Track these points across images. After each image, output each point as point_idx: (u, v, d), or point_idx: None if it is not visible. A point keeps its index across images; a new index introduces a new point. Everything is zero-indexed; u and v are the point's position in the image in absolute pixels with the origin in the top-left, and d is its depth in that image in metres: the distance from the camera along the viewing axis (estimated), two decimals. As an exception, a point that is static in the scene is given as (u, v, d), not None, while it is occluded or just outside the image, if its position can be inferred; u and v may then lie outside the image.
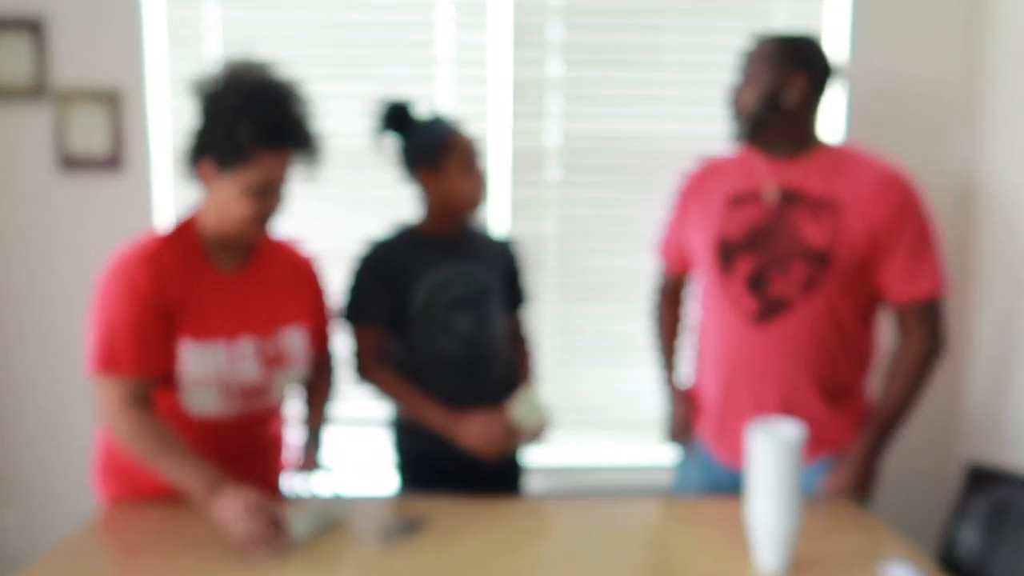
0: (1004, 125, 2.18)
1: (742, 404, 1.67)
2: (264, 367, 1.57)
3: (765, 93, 1.62)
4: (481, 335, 1.76)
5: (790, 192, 1.64)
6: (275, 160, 1.48)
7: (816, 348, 1.61)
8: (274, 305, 1.61)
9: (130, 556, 1.39)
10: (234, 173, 1.47)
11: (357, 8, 2.28)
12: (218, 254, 1.57)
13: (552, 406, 2.40)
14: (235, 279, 1.58)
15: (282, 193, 1.53)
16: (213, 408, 1.54)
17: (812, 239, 1.59)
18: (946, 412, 2.39)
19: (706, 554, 1.41)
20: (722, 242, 1.68)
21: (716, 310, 1.69)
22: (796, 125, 1.65)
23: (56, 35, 2.20)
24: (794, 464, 1.31)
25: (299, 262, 1.69)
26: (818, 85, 1.64)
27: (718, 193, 1.72)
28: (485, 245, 1.83)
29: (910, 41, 2.29)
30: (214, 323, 1.52)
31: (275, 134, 1.47)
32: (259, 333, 1.57)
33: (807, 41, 1.66)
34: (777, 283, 1.61)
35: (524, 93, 2.32)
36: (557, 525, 1.56)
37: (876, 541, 1.45)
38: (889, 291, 1.62)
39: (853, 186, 1.60)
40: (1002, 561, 1.43)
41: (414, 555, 1.40)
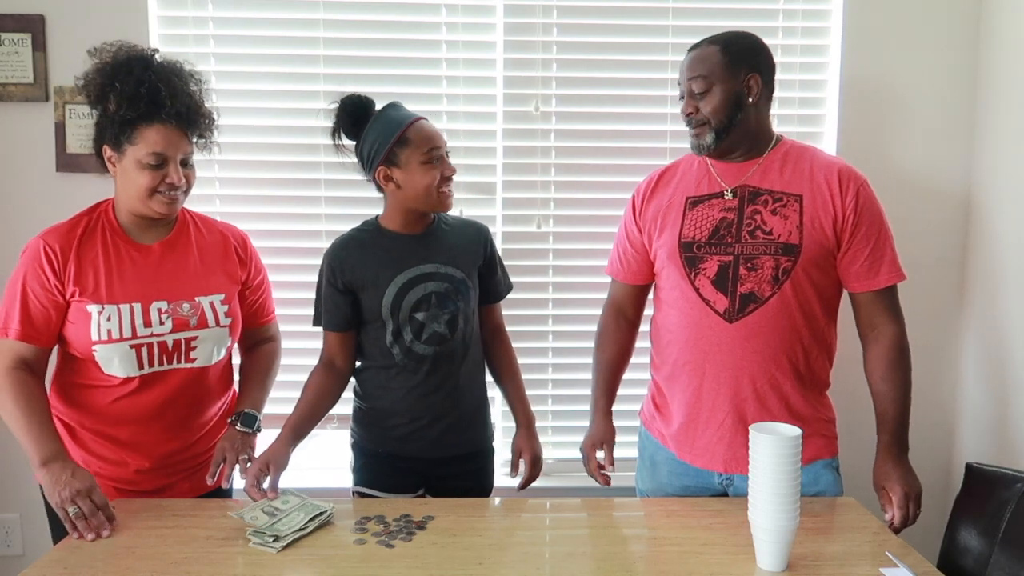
0: (1001, 130, 2.18)
1: (718, 404, 1.67)
2: (179, 327, 1.64)
3: (726, 101, 1.63)
4: (450, 333, 1.74)
5: (750, 189, 1.66)
6: (155, 132, 1.58)
7: (790, 339, 1.64)
8: (192, 274, 1.70)
9: (130, 555, 1.39)
10: (124, 152, 1.59)
11: (356, 9, 2.28)
12: (134, 231, 1.67)
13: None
14: (150, 249, 1.67)
15: (180, 167, 1.62)
16: (131, 371, 1.61)
17: (778, 232, 1.62)
18: (946, 412, 2.39)
19: (706, 554, 1.41)
20: (685, 243, 1.68)
21: (685, 312, 1.69)
22: (755, 125, 1.67)
23: (57, 34, 2.20)
24: (794, 464, 1.32)
25: (225, 237, 1.79)
26: (767, 80, 1.67)
27: (675, 199, 1.73)
28: (455, 241, 1.79)
29: (907, 44, 2.29)
30: (125, 288, 1.62)
31: (148, 107, 1.57)
32: (173, 298, 1.65)
33: (748, 38, 1.68)
34: (747, 279, 1.62)
35: (522, 94, 2.31)
36: (557, 525, 1.56)
37: (876, 541, 1.45)
38: (855, 282, 1.65)
39: (812, 179, 1.64)
40: (1002, 561, 1.43)
41: (414, 555, 1.40)
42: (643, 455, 1.86)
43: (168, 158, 1.60)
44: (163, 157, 1.59)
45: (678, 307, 1.70)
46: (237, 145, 2.30)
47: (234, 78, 2.29)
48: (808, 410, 1.67)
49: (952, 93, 2.30)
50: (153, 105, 1.58)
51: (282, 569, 1.35)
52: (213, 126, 1.72)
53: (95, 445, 1.67)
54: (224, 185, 2.32)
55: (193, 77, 1.68)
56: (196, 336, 1.67)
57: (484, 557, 1.41)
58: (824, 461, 1.69)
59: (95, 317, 1.59)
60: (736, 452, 1.66)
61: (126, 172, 1.61)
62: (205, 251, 1.74)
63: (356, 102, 1.74)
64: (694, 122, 1.67)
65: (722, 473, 1.68)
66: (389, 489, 1.77)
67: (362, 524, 1.51)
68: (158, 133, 1.58)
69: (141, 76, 1.57)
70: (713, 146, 1.66)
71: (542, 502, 1.64)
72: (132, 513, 1.56)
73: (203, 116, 1.68)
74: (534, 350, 2.39)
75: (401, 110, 1.75)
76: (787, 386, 1.65)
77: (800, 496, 1.34)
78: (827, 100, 2.33)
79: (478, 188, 2.35)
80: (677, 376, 1.72)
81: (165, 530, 1.50)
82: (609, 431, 1.84)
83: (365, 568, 1.35)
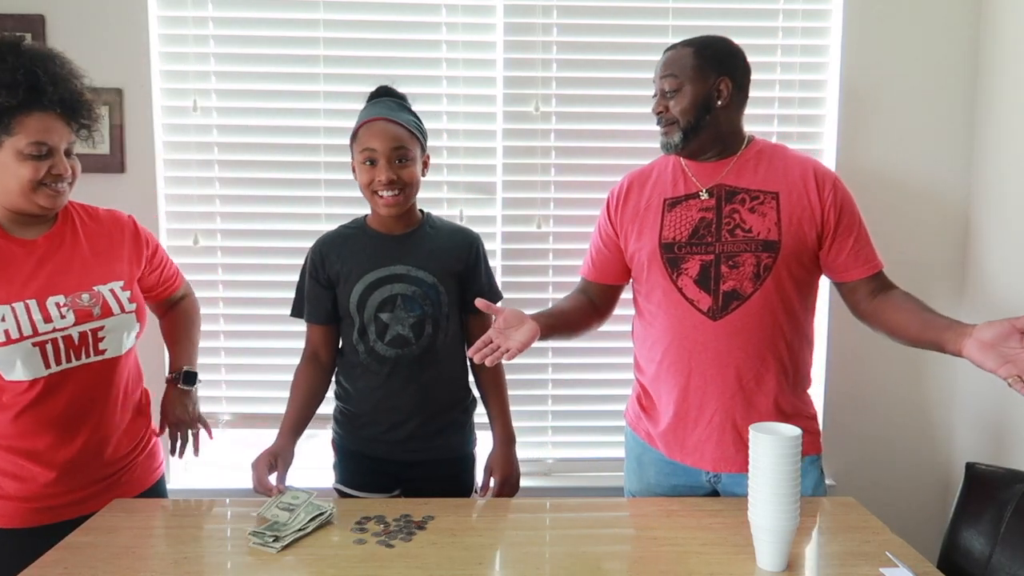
0: (1000, 130, 2.18)
1: (706, 402, 1.67)
2: (82, 319, 1.57)
3: (695, 102, 1.65)
4: (414, 338, 1.72)
5: (728, 188, 1.68)
6: (37, 121, 1.49)
7: (774, 335, 1.65)
8: (85, 263, 1.62)
9: (130, 555, 1.39)
10: (1, 144, 1.48)
11: (356, 9, 2.28)
12: (13, 228, 1.57)
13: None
14: (34, 244, 1.58)
15: (62, 157, 1.53)
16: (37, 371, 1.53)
17: (758, 229, 1.64)
18: (946, 412, 2.39)
19: (706, 554, 1.41)
20: (666, 244, 1.69)
21: (668, 313, 1.69)
22: (726, 127, 1.69)
23: (57, 35, 2.20)
24: (794, 464, 1.32)
25: (112, 223, 1.71)
26: (740, 85, 1.69)
27: (653, 202, 1.73)
28: (435, 246, 1.76)
29: (905, 42, 2.29)
30: (15, 286, 1.53)
31: (27, 95, 1.47)
32: (70, 290, 1.58)
33: (722, 43, 1.70)
34: (729, 277, 1.64)
35: (522, 94, 2.31)
36: (557, 525, 1.56)
37: (876, 541, 1.45)
38: (847, 271, 1.67)
39: (787, 176, 1.67)
40: (1002, 561, 1.43)
41: (414, 555, 1.40)
42: (630, 456, 1.86)
43: (53, 148, 1.50)
44: (47, 147, 1.50)
45: (662, 308, 1.70)
46: (237, 145, 2.30)
47: (234, 78, 2.29)
48: (793, 406, 1.69)
49: (952, 93, 2.30)
50: (33, 92, 1.47)
51: (282, 569, 1.35)
52: (94, 114, 1.60)
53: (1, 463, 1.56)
54: (224, 185, 2.32)
55: (68, 64, 1.57)
56: (102, 326, 1.59)
57: (484, 557, 1.41)
58: (810, 458, 1.70)
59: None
60: (725, 450, 1.67)
61: (5, 166, 1.49)
62: (95, 240, 1.66)
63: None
64: (663, 120, 1.69)
65: (710, 472, 1.69)
66: (365, 488, 1.78)
67: (362, 524, 1.51)
68: (40, 121, 1.48)
69: (15, 63, 1.47)
70: (680, 145, 1.68)
71: (542, 502, 1.64)
72: (132, 513, 1.56)
73: (84, 103, 1.56)
74: (534, 350, 2.36)
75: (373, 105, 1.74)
76: (772, 382, 1.66)
77: (800, 496, 1.34)
78: (827, 100, 2.33)
79: (478, 188, 2.35)
80: (663, 377, 1.72)
81: (165, 530, 1.50)
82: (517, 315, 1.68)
83: (365, 568, 1.35)
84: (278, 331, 2.33)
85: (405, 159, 1.68)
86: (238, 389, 2.39)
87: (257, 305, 2.35)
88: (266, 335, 2.34)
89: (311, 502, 1.52)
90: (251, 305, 2.36)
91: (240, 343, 2.37)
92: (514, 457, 1.83)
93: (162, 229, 2.31)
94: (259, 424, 2.32)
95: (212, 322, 2.36)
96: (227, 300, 2.36)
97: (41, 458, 1.56)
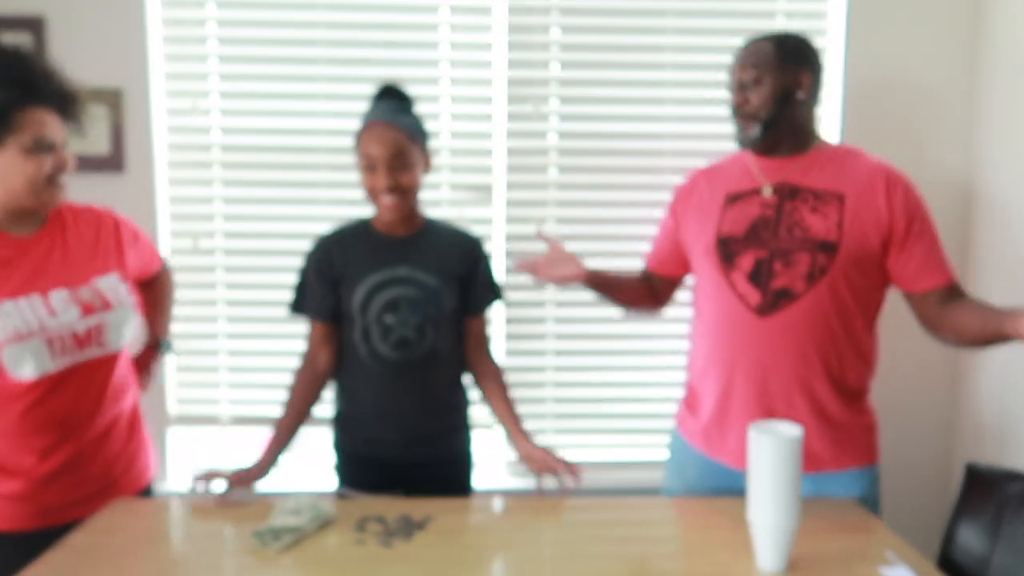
0: (1002, 126, 2.18)
1: (748, 400, 1.66)
2: (85, 313, 1.58)
3: (776, 94, 1.63)
4: (419, 339, 1.71)
5: (791, 186, 1.65)
6: (36, 117, 1.49)
7: (822, 339, 1.61)
8: (80, 257, 1.63)
9: (130, 555, 1.39)
10: (4, 144, 1.48)
11: (356, 8, 2.28)
12: (9, 226, 1.57)
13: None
14: (30, 241, 1.58)
15: (61, 151, 1.54)
16: (41, 368, 1.52)
17: (817, 229, 1.61)
18: (946, 412, 2.39)
19: (706, 554, 1.41)
20: (722, 239, 1.68)
21: (717, 308, 1.69)
22: (801, 123, 1.67)
23: (57, 35, 2.20)
24: (794, 464, 1.32)
25: (96, 218, 1.72)
26: (818, 82, 1.67)
27: (716, 196, 1.73)
28: (439, 248, 1.75)
29: (907, 41, 2.29)
30: (16, 284, 1.53)
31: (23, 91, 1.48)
32: (70, 284, 1.58)
33: (801, 39, 1.68)
34: (781, 275, 1.61)
35: (521, 93, 2.31)
36: (557, 525, 1.56)
37: (876, 541, 1.45)
38: (917, 281, 1.62)
39: (856, 179, 1.62)
40: (1002, 561, 1.43)
41: (414, 555, 1.40)
42: (673, 455, 1.86)
43: (53, 142, 1.51)
44: (49, 141, 1.50)
45: (712, 301, 1.70)
46: (237, 146, 2.31)
47: (234, 79, 2.29)
48: (841, 415, 1.64)
49: (952, 93, 2.30)
50: (28, 86, 1.47)
51: (282, 569, 1.35)
52: (83, 108, 1.60)
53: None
54: (224, 186, 2.32)
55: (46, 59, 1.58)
56: (105, 319, 1.60)
57: (484, 557, 1.41)
58: (859, 469, 1.66)
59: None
60: None
61: (8, 165, 1.49)
62: (83, 234, 1.66)
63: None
64: (742, 114, 1.66)
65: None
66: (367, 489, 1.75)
67: (362, 524, 1.51)
68: (40, 116, 1.49)
69: (4, 61, 1.48)
70: (759, 140, 1.65)
71: (542, 502, 1.64)
72: (132, 513, 1.56)
73: (75, 97, 1.57)
74: (534, 350, 2.40)
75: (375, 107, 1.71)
76: (818, 387, 1.62)
77: (800, 496, 1.34)
78: (827, 100, 2.33)
79: (478, 188, 2.35)
80: (708, 371, 1.72)
81: (165, 530, 1.50)
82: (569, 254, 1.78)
83: (365, 568, 1.35)
84: (278, 331, 2.33)
85: (405, 164, 1.66)
86: (238, 389, 2.39)
87: (257, 306, 2.35)
88: (266, 335, 2.35)
89: (313, 504, 1.52)
90: (251, 306, 2.36)
91: (240, 343, 2.37)
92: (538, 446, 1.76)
93: (162, 230, 2.31)
94: (259, 424, 2.32)
95: (212, 322, 2.36)
96: (227, 300, 2.36)
97: (44, 456, 1.56)
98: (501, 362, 1.87)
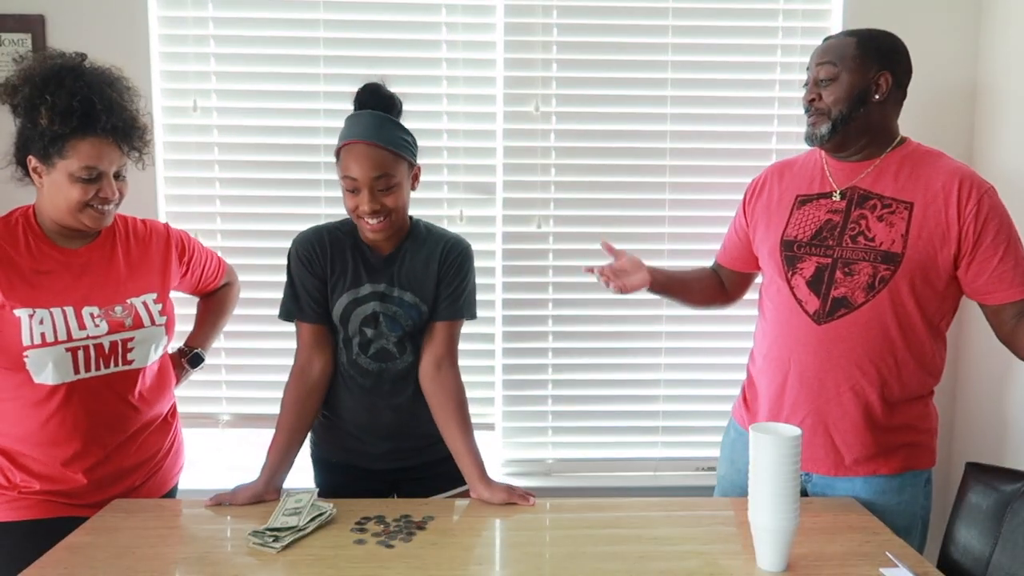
0: (1005, 123, 2.18)
1: (799, 402, 1.65)
2: (114, 329, 1.61)
3: (852, 92, 1.59)
4: (400, 352, 1.68)
5: (861, 192, 1.62)
6: (90, 146, 1.52)
7: (879, 349, 1.58)
8: (121, 275, 1.66)
9: (130, 555, 1.39)
10: (54, 165, 1.53)
11: (356, 9, 2.28)
12: (58, 238, 1.62)
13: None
14: (76, 254, 1.62)
15: (113, 179, 1.57)
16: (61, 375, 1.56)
17: (881, 239, 1.57)
18: (946, 412, 2.38)
19: (706, 554, 1.41)
20: (787, 242, 1.68)
21: (777, 310, 1.69)
22: (877, 125, 1.63)
23: (57, 35, 2.19)
24: (794, 464, 1.32)
25: (150, 235, 1.76)
26: (900, 83, 1.63)
27: (787, 196, 1.72)
28: (417, 261, 1.68)
29: (907, 39, 2.28)
30: (55, 293, 1.57)
31: (81, 121, 1.51)
32: (104, 302, 1.61)
33: (888, 37, 1.64)
34: (841, 284, 1.59)
35: (521, 93, 2.31)
36: (557, 525, 1.56)
37: (876, 541, 1.45)
38: (991, 293, 1.56)
39: (929, 186, 1.57)
40: (1002, 561, 1.43)
41: (414, 555, 1.40)
42: (725, 443, 1.87)
43: (102, 172, 1.55)
44: (97, 171, 1.54)
45: (773, 303, 1.70)
46: (237, 145, 2.30)
47: (234, 78, 2.29)
48: (894, 420, 1.62)
49: (952, 92, 2.30)
50: (87, 118, 1.51)
51: (282, 569, 1.35)
52: (147, 138, 1.65)
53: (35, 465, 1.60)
54: (224, 186, 2.32)
55: (127, 87, 1.62)
56: (132, 337, 1.63)
57: (484, 557, 1.41)
58: (912, 473, 1.65)
59: (25, 321, 1.52)
60: (815, 452, 1.64)
61: (55, 184, 1.54)
62: (131, 251, 1.70)
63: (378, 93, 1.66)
64: (813, 110, 1.64)
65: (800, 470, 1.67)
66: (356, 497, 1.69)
67: (362, 524, 1.51)
68: (92, 147, 1.52)
69: (73, 88, 1.50)
70: (827, 137, 1.62)
71: (542, 502, 1.64)
72: (132, 513, 1.56)
73: (138, 128, 1.61)
74: (534, 350, 2.39)
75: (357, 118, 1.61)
76: (872, 395, 1.60)
77: (800, 496, 1.34)
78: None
79: (478, 188, 2.35)
80: (764, 370, 1.72)
81: (165, 530, 1.50)
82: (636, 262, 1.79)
83: (365, 568, 1.35)
84: (278, 331, 2.32)
85: (389, 186, 1.58)
86: (238, 389, 2.38)
87: (257, 305, 2.34)
88: (266, 335, 2.34)
89: (314, 503, 1.52)
90: (251, 305, 2.35)
91: (240, 343, 2.36)
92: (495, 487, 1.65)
93: (162, 229, 2.31)
94: (259, 424, 2.32)
95: (212, 322, 2.35)
96: (227, 300, 2.35)
97: (71, 464, 1.60)
98: (495, 369, 1.86)
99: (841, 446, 1.63)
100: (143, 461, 1.71)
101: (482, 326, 2.29)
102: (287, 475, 1.68)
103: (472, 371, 2.25)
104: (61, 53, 1.58)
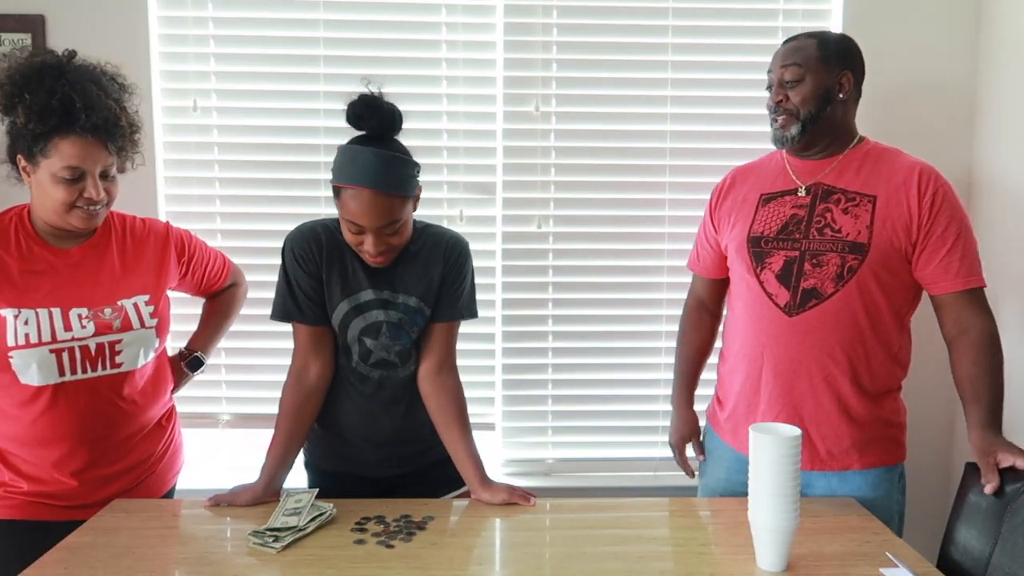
0: (1005, 122, 2.18)
1: (774, 397, 1.67)
2: (101, 331, 1.58)
3: (818, 92, 1.64)
4: (402, 361, 1.66)
5: (826, 187, 1.66)
6: (71, 145, 1.49)
7: (851, 339, 1.62)
8: (113, 276, 1.63)
9: (130, 555, 1.39)
10: (38, 164, 1.51)
11: (356, 9, 2.28)
12: (50, 238, 1.60)
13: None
14: (68, 254, 1.60)
15: (99, 179, 1.54)
16: (50, 378, 1.54)
17: (847, 230, 1.61)
18: (946, 412, 2.38)
19: (706, 554, 1.41)
20: (754, 238, 1.70)
21: (747, 306, 1.71)
22: (839, 123, 1.68)
23: (57, 35, 2.19)
24: (794, 464, 1.32)
25: (147, 235, 1.72)
26: (858, 82, 1.68)
27: (751, 195, 1.75)
28: (419, 265, 1.64)
29: (907, 38, 2.29)
30: (42, 293, 1.55)
31: (61, 120, 1.48)
32: (94, 304, 1.59)
33: (844, 38, 1.70)
34: (810, 275, 1.62)
35: (521, 94, 2.31)
36: (557, 525, 1.56)
37: (876, 541, 1.45)
38: (935, 282, 1.62)
39: (890, 179, 1.63)
40: (1002, 561, 1.43)
41: (414, 555, 1.40)
42: (707, 450, 1.89)
43: (85, 172, 1.51)
44: (80, 171, 1.50)
45: (743, 300, 1.72)
46: (237, 145, 2.30)
47: (234, 78, 2.29)
48: (868, 412, 1.65)
49: (952, 92, 2.30)
50: (67, 117, 1.47)
51: (282, 569, 1.35)
52: (136, 136, 1.61)
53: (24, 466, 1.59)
54: (224, 185, 2.32)
55: (115, 83, 1.58)
56: (120, 339, 1.60)
57: (484, 557, 1.41)
58: (886, 468, 1.67)
59: (10, 321, 1.51)
60: None
61: (41, 184, 1.52)
62: (126, 252, 1.67)
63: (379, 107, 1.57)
64: (781, 111, 1.67)
65: None
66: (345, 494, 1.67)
67: (362, 524, 1.51)
68: (73, 146, 1.49)
69: (52, 87, 1.46)
70: (797, 138, 1.66)
71: (542, 502, 1.64)
72: (132, 513, 1.56)
73: (124, 126, 1.56)
74: (534, 350, 2.39)
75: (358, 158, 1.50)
76: (844, 386, 1.63)
77: (800, 496, 1.34)
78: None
79: (478, 188, 2.35)
80: (737, 367, 1.73)
81: (165, 530, 1.50)
82: (693, 422, 1.90)
83: (365, 568, 1.35)
84: (278, 331, 2.31)
85: (395, 229, 1.53)
86: (238, 389, 2.38)
87: (257, 305, 2.34)
88: (266, 335, 2.34)
89: (314, 503, 1.53)
90: (251, 305, 2.35)
91: (240, 343, 2.36)
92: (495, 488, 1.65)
93: (162, 229, 2.31)
94: (259, 424, 2.32)
95: (212, 322, 2.35)
96: (227, 300, 2.35)
97: (59, 466, 1.59)
98: (500, 368, 1.86)
99: (816, 438, 1.65)
100: (134, 465, 1.68)
101: (482, 326, 2.29)
102: (287, 477, 1.68)
103: (472, 371, 2.25)
104: (48, 51, 1.55)
